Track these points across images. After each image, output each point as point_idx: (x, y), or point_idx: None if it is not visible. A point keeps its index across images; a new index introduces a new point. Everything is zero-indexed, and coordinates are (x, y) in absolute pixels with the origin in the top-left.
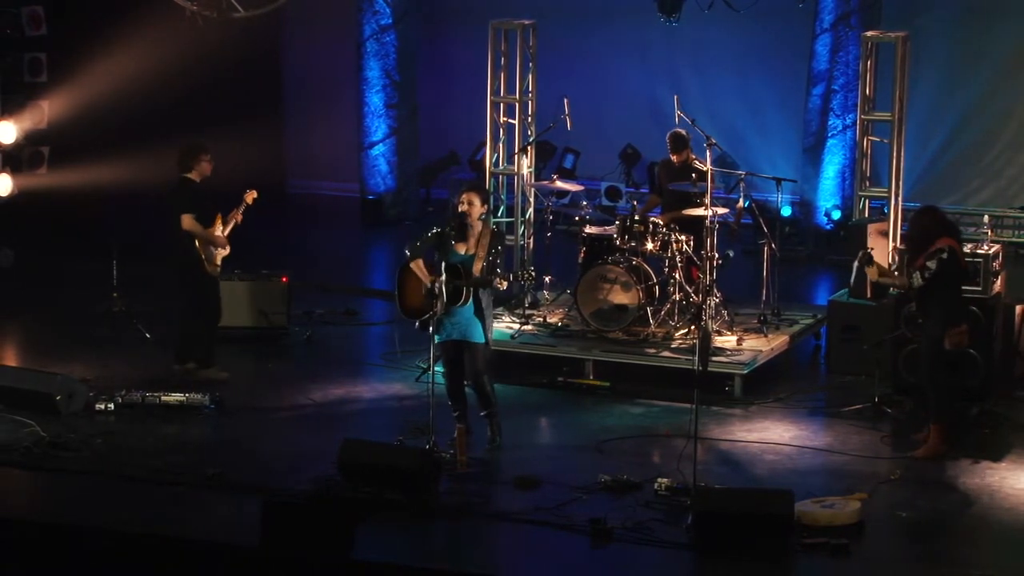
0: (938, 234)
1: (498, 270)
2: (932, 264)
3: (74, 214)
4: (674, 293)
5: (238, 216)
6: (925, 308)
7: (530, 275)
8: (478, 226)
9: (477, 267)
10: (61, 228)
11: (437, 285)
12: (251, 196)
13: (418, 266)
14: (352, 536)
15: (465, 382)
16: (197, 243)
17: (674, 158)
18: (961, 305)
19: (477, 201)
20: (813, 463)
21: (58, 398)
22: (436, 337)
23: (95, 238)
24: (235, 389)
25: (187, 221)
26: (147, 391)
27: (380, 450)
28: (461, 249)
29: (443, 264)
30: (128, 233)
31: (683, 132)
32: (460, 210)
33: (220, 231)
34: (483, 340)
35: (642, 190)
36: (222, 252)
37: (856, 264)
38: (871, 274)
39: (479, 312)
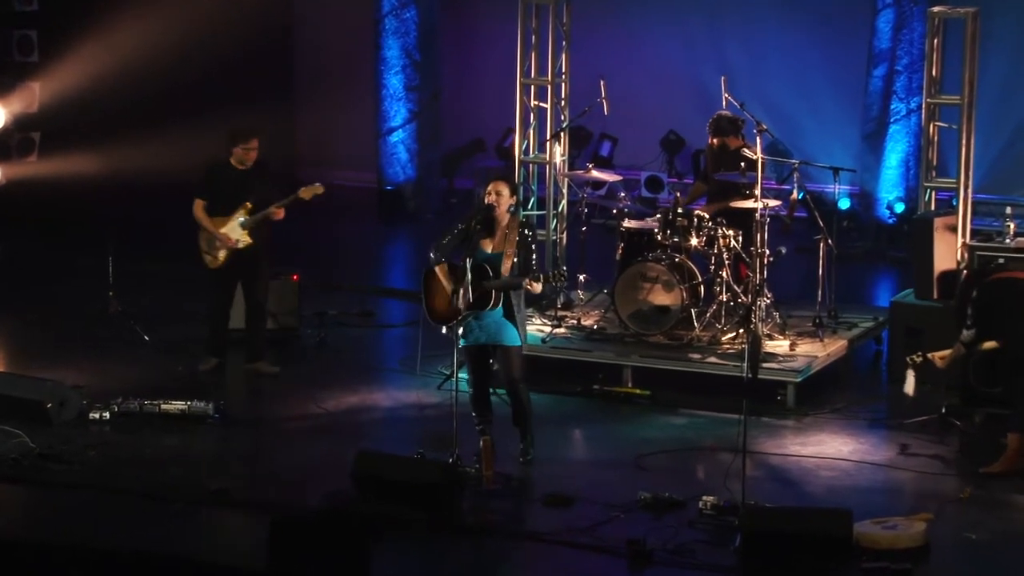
0: (968, 288)
1: (534, 267)
2: (969, 310)
3: (67, 205)
4: (721, 293)
5: (277, 212)
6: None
7: (562, 275)
8: (506, 220)
9: (506, 266)
10: (53, 220)
11: (460, 293)
12: (308, 192)
13: (442, 271)
14: (367, 557)
15: (492, 390)
16: (200, 232)
17: (714, 142)
18: None
19: (506, 192)
20: (873, 480)
21: (49, 406)
22: (461, 341)
23: (90, 231)
24: (241, 397)
25: (195, 207)
26: (145, 399)
27: (398, 464)
28: (488, 247)
29: (468, 263)
30: (126, 226)
31: (731, 115)
32: (487, 202)
33: (232, 226)
34: (518, 343)
35: (686, 180)
36: (223, 249)
37: (910, 371)
38: (939, 362)
39: (510, 313)
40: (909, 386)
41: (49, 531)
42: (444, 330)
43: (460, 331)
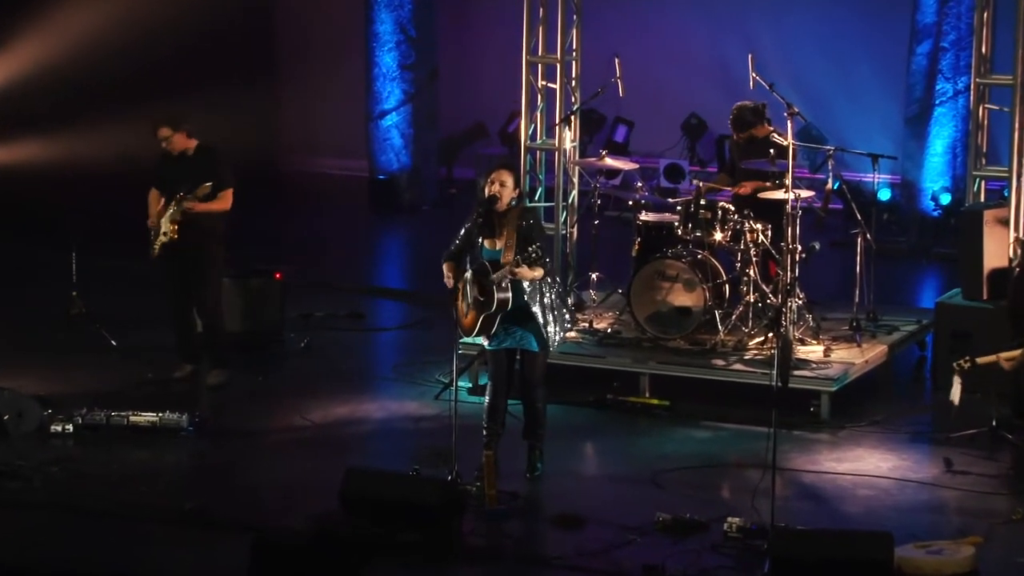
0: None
1: (533, 256)
2: None
3: (25, 197)
4: (748, 293)
5: (191, 206)
6: None
7: (536, 252)
8: (508, 213)
9: (507, 258)
10: (9, 214)
11: (461, 285)
12: (203, 190)
13: (449, 268)
14: None
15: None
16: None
17: (739, 137)
18: None
19: (510, 182)
20: (916, 500)
21: (5, 417)
22: (487, 344)
23: (50, 225)
24: (219, 408)
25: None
26: (113, 409)
27: (392, 481)
28: (490, 244)
29: (467, 263)
30: (91, 219)
31: (752, 104)
32: (489, 193)
33: (166, 216)
34: (536, 348)
35: (709, 168)
36: (160, 239)
37: (956, 378)
38: (1005, 364)
39: (531, 316)
40: (955, 394)
41: (5, 554)
42: (486, 343)
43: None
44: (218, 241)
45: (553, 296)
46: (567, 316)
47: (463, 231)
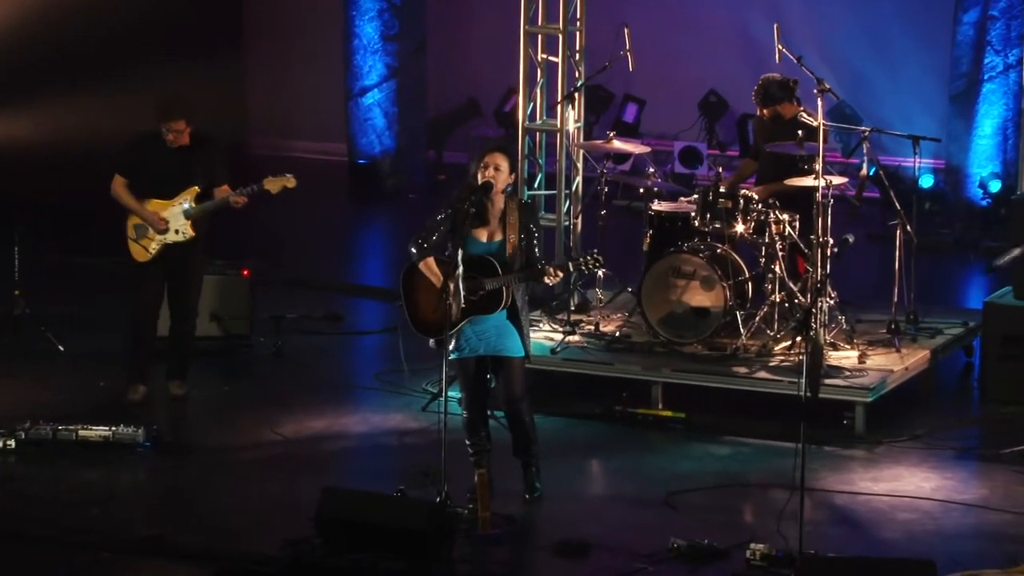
0: None
1: (537, 259)
2: None
3: None
4: (773, 292)
5: (237, 200)
6: None
7: (596, 260)
8: (501, 202)
9: (553, 279)
10: None
11: (452, 285)
12: (276, 184)
13: (427, 265)
14: None
15: (489, 412)
16: (129, 216)
17: (764, 113)
18: None
19: (505, 166)
20: (962, 523)
21: None
22: (454, 353)
23: None
24: (178, 421)
25: (113, 183)
26: (60, 423)
27: (374, 503)
28: (482, 235)
29: (459, 256)
30: (35, 210)
31: (780, 77)
32: (482, 179)
33: (174, 211)
34: (522, 353)
35: (729, 153)
36: (157, 236)
37: (1020, 251)
38: None
39: (515, 316)
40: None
41: None
42: (432, 343)
43: (452, 343)
44: (203, 240)
45: (525, 302)
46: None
47: (442, 218)
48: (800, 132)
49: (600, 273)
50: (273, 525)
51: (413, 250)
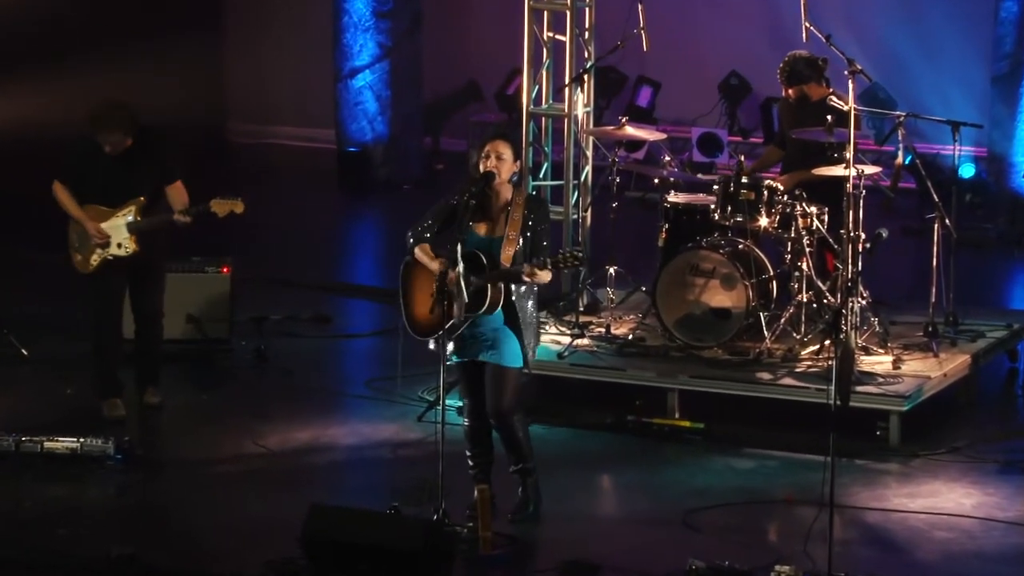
0: None
1: (542, 256)
2: None
3: None
4: (800, 292)
5: (180, 219)
6: None
7: (575, 256)
8: (507, 193)
9: (507, 254)
10: None
11: (451, 277)
12: (223, 207)
13: (423, 251)
14: None
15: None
16: (71, 222)
17: (790, 93)
18: None
19: (508, 154)
20: (1005, 544)
21: None
22: (453, 356)
23: None
24: (151, 432)
25: (55, 188)
26: (24, 434)
27: (365, 521)
28: (481, 229)
29: (459, 250)
30: None
31: (808, 55)
32: (484, 168)
33: (115, 223)
34: (517, 363)
35: (752, 140)
36: (97, 249)
37: None
38: None
39: (514, 321)
40: None
41: None
42: (432, 345)
43: (445, 343)
44: (167, 239)
45: (531, 304)
46: (535, 326)
47: (441, 207)
48: (829, 117)
49: (610, 271)
50: (255, 545)
51: (410, 239)
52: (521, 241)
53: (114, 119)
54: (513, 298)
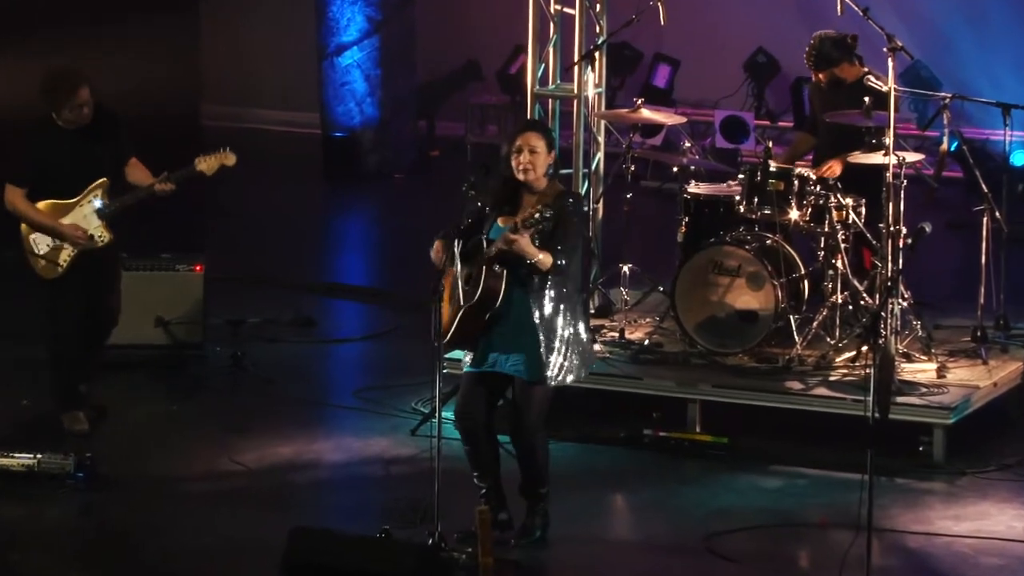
0: None
1: (559, 248)
2: None
3: None
4: (834, 292)
5: (162, 187)
6: None
7: (539, 212)
8: (542, 187)
9: (523, 241)
10: None
11: (447, 277)
12: (210, 163)
13: (443, 247)
14: None
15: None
16: (24, 229)
17: (820, 78)
18: None
19: (542, 146)
20: None
21: None
22: (467, 363)
23: None
24: (116, 447)
25: (8, 195)
26: None
27: (352, 546)
28: (504, 223)
29: (455, 246)
30: None
31: (835, 34)
32: (518, 164)
33: (82, 213)
34: (534, 376)
35: (781, 124)
36: (68, 248)
37: None
38: None
39: (547, 326)
40: None
41: None
42: (466, 357)
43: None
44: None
45: (577, 310)
46: (583, 351)
47: (475, 206)
48: (867, 99)
49: (625, 269)
50: (231, 572)
51: (439, 243)
52: (536, 225)
53: (76, 77)
54: (547, 300)
